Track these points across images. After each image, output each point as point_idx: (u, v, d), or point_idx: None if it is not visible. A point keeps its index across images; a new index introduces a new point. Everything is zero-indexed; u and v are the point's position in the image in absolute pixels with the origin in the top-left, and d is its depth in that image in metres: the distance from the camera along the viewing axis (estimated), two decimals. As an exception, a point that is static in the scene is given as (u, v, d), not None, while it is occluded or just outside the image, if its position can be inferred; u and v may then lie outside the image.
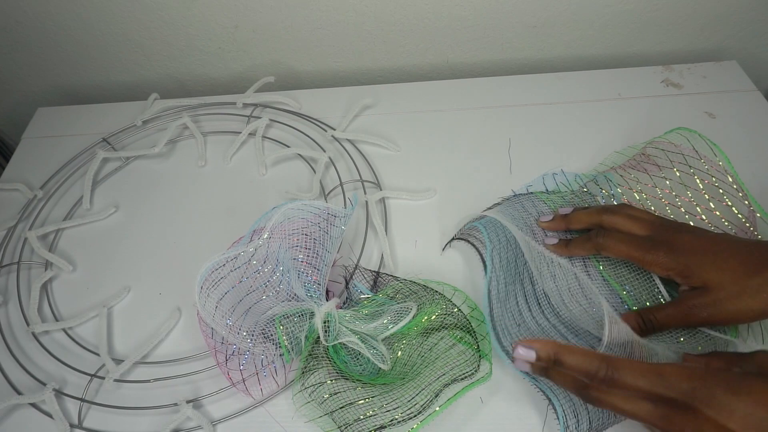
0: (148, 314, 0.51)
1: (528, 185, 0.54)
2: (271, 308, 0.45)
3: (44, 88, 0.76)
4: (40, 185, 0.61)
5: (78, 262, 0.55)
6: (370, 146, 0.62)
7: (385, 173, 0.59)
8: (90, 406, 0.46)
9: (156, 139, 0.64)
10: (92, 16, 0.66)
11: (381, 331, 0.44)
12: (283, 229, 0.47)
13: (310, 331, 0.44)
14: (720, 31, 0.70)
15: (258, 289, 0.46)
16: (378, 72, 0.74)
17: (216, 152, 0.63)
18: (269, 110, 0.66)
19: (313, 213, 0.47)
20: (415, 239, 0.54)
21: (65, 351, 0.49)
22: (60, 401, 0.46)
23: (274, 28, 0.67)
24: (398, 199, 0.57)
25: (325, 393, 0.41)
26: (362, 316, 0.45)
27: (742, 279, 0.39)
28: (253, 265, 0.46)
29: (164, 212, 0.58)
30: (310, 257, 0.46)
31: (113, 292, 0.52)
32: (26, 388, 0.47)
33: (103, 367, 0.47)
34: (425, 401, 0.41)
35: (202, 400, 0.45)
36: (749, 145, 0.58)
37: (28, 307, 0.51)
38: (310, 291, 0.45)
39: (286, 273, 0.46)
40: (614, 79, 0.66)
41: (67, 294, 0.53)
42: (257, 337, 0.44)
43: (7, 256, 0.56)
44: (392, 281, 0.48)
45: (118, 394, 0.46)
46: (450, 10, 0.65)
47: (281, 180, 0.60)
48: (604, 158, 0.56)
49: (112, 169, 0.63)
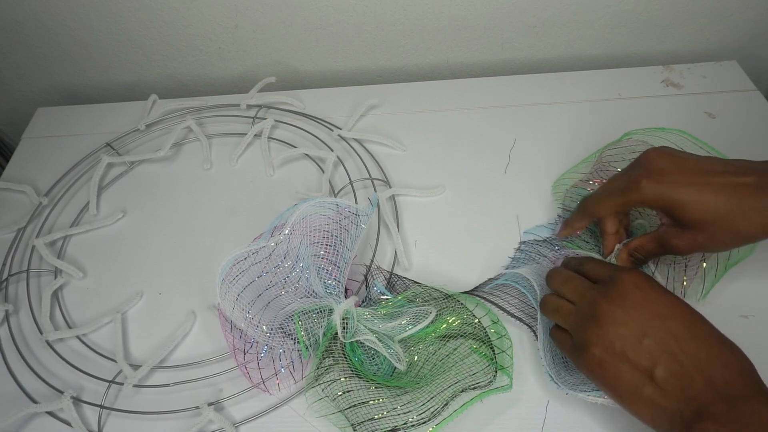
0: (161, 318, 0.50)
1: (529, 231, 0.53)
2: (290, 304, 0.45)
3: (44, 88, 0.76)
4: (43, 188, 0.61)
5: (88, 268, 0.55)
6: (375, 146, 0.62)
7: (392, 172, 0.59)
8: (109, 413, 0.45)
9: (160, 142, 0.64)
10: (92, 16, 0.66)
11: (399, 331, 0.44)
12: (304, 226, 0.47)
13: (328, 328, 0.44)
14: (720, 31, 0.70)
15: (277, 285, 0.47)
16: (378, 72, 0.74)
17: (222, 154, 0.63)
18: (273, 111, 0.66)
19: (334, 211, 0.48)
20: (414, 239, 0.54)
21: (80, 358, 0.48)
22: (78, 409, 0.45)
23: (274, 28, 0.67)
24: (407, 197, 0.57)
25: (339, 390, 0.42)
26: (381, 315, 0.45)
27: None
28: (273, 259, 0.47)
29: (172, 216, 0.58)
30: (331, 254, 0.47)
31: (125, 297, 0.52)
32: (42, 397, 0.46)
33: (120, 373, 0.46)
34: (438, 407, 0.41)
35: (223, 402, 0.45)
36: (749, 145, 0.58)
37: (39, 315, 0.51)
38: (329, 288, 0.46)
39: (306, 269, 0.46)
40: (614, 79, 0.66)
41: (78, 300, 0.52)
42: (275, 332, 0.44)
43: (16, 264, 0.55)
44: (413, 286, 0.48)
45: (136, 399, 0.46)
46: (450, 10, 0.65)
47: (289, 180, 0.60)
48: (560, 176, 0.56)
49: (117, 174, 0.62)
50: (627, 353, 0.34)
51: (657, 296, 0.35)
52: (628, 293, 0.35)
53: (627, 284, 0.36)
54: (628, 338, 0.34)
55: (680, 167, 0.41)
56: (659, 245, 0.44)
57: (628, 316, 0.35)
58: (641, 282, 0.36)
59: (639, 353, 0.34)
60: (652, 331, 0.34)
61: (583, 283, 0.39)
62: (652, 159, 0.42)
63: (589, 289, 0.38)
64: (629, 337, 0.34)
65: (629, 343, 0.34)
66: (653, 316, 0.34)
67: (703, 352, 0.33)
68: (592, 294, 0.37)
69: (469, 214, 0.55)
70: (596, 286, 0.38)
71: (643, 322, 0.34)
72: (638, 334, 0.34)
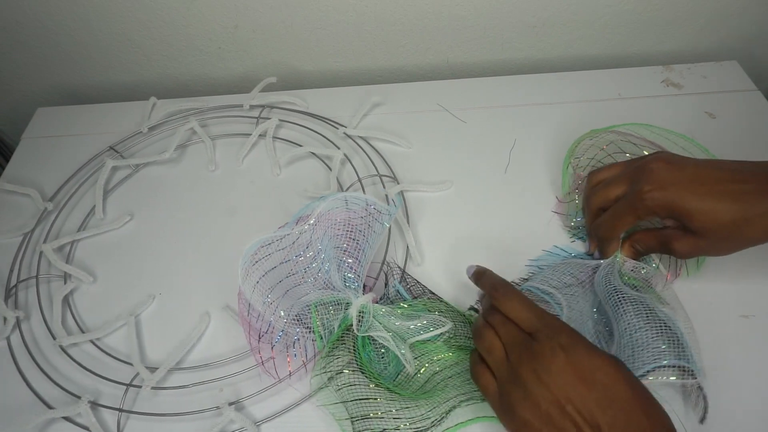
0: (174, 320, 0.50)
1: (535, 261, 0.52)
2: (308, 294, 0.46)
3: (44, 88, 0.76)
4: (46, 189, 0.61)
5: (97, 273, 0.54)
6: (380, 143, 0.62)
7: (398, 168, 0.60)
8: (128, 416, 0.45)
9: (164, 144, 0.64)
10: (92, 16, 0.66)
11: (413, 333, 0.44)
12: (329, 218, 0.48)
13: (344, 320, 0.45)
14: (720, 31, 0.70)
15: (297, 273, 0.47)
16: (378, 72, 0.74)
17: (226, 155, 0.63)
18: (277, 111, 0.66)
19: (360, 207, 0.48)
20: (424, 234, 0.54)
21: (94, 362, 0.48)
22: (96, 413, 0.45)
23: (274, 28, 0.67)
24: (416, 191, 0.57)
25: (343, 381, 0.42)
26: (397, 314, 0.45)
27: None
28: (296, 248, 0.47)
29: (179, 217, 0.58)
30: (353, 248, 0.47)
31: (136, 300, 0.52)
32: (57, 402, 0.46)
33: (137, 375, 0.46)
34: (438, 417, 0.41)
35: (243, 402, 0.45)
36: (749, 145, 0.58)
37: (51, 321, 0.50)
38: (348, 282, 0.46)
39: (327, 261, 0.47)
40: (614, 79, 0.66)
41: (89, 305, 0.52)
42: (291, 320, 0.44)
43: (24, 270, 0.55)
44: (431, 296, 0.48)
45: (155, 401, 0.46)
46: (450, 10, 0.65)
47: (296, 179, 0.60)
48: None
49: (122, 177, 0.62)
50: (552, 418, 0.34)
51: (581, 359, 0.34)
52: (554, 355, 0.35)
53: (555, 346, 0.35)
54: (552, 403, 0.34)
55: (680, 176, 0.41)
56: (661, 244, 0.44)
57: (553, 379, 0.34)
58: (568, 344, 0.35)
59: (563, 420, 0.33)
60: (575, 397, 0.33)
61: (515, 332, 0.38)
62: (653, 170, 0.42)
63: (519, 342, 0.37)
64: (554, 402, 0.34)
65: (554, 409, 0.34)
66: (577, 381, 0.34)
67: (620, 420, 0.33)
68: (521, 349, 0.36)
69: (472, 212, 0.56)
70: (526, 339, 0.37)
71: (567, 388, 0.34)
72: (562, 399, 0.34)
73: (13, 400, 0.46)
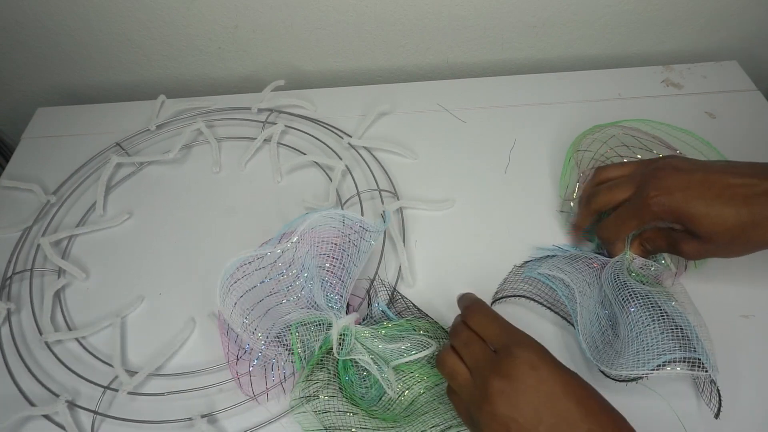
0: (162, 323, 0.50)
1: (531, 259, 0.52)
2: (290, 313, 0.44)
3: (44, 88, 0.76)
4: (46, 186, 0.61)
5: (91, 269, 0.54)
6: (385, 152, 0.61)
7: (397, 175, 0.59)
8: (103, 419, 0.45)
9: (169, 143, 0.63)
10: (92, 16, 0.66)
11: (396, 356, 0.43)
12: (312, 236, 0.46)
13: (325, 342, 0.44)
14: (720, 31, 0.70)
15: (279, 292, 0.46)
16: (378, 72, 0.74)
17: (231, 158, 0.63)
18: (284, 116, 0.65)
19: (345, 224, 0.47)
20: (415, 240, 0.54)
21: (78, 361, 0.48)
22: (73, 413, 0.45)
23: (274, 28, 0.67)
24: (415, 209, 0.56)
25: (319, 407, 0.41)
26: (380, 336, 0.44)
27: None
28: (278, 267, 0.46)
29: (178, 219, 0.58)
30: (336, 267, 0.46)
31: (126, 300, 0.52)
32: (39, 399, 0.46)
33: (116, 378, 0.46)
34: None
35: (217, 415, 0.44)
36: (749, 145, 0.58)
37: (40, 316, 0.50)
38: (331, 302, 0.45)
39: (310, 280, 0.46)
40: (614, 79, 0.66)
41: (80, 302, 0.52)
42: (271, 340, 0.43)
43: (20, 262, 0.55)
44: (418, 314, 0.47)
45: (131, 406, 0.46)
46: (450, 10, 0.65)
47: (297, 187, 0.59)
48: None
49: (125, 175, 0.62)
50: None
51: (550, 375, 0.34)
52: (521, 373, 0.34)
53: (521, 363, 0.34)
54: (523, 425, 0.33)
55: (688, 181, 0.41)
56: (669, 245, 0.44)
57: (522, 399, 0.34)
58: (536, 360, 0.35)
59: None
60: (546, 417, 0.33)
61: (481, 351, 0.37)
62: (661, 176, 0.42)
63: (484, 362, 0.36)
64: (524, 424, 0.33)
65: (525, 430, 0.33)
66: (547, 398, 0.33)
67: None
68: (486, 369, 0.36)
69: (472, 221, 0.55)
70: (492, 358, 0.36)
71: (538, 407, 0.33)
72: (533, 419, 0.33)
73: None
